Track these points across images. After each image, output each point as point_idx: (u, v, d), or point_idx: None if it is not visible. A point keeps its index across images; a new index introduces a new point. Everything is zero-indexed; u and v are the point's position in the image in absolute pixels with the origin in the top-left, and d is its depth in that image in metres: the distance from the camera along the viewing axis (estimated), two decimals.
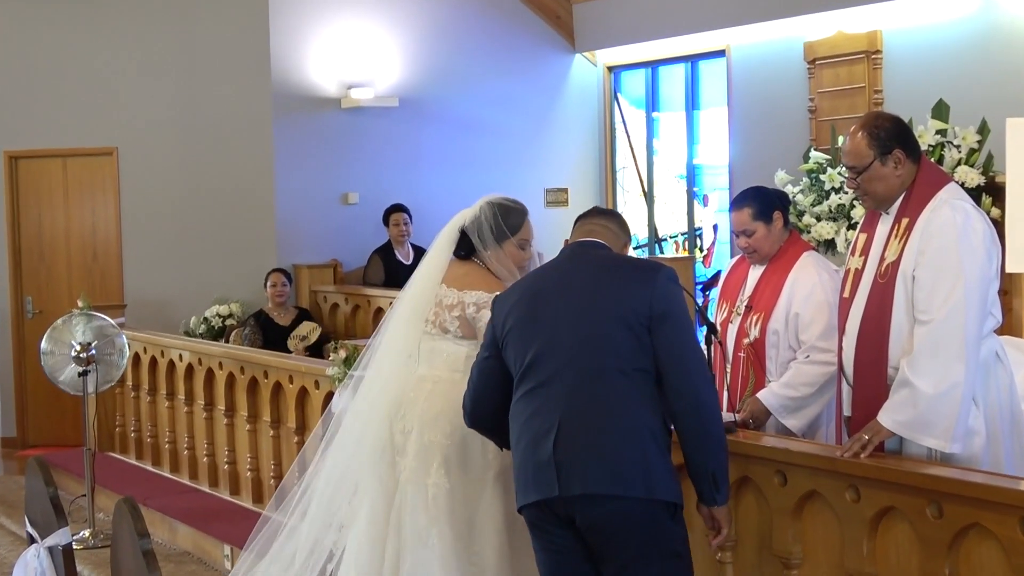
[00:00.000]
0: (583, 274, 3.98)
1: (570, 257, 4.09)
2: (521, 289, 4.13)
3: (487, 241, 4.60)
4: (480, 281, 4.61)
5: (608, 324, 3.84)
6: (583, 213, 4.28)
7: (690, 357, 3.86)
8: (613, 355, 3.82)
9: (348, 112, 11.31)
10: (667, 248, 12.35)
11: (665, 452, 3.88)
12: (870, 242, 4.48)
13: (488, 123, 11.96)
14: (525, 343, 3.97)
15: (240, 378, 8.08)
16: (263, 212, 11.10)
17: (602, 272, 3.96)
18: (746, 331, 5.22)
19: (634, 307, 3.84)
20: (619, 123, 12.68)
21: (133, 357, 9.50)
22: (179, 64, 11.21)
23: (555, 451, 3.81)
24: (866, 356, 4.35)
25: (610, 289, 3.90)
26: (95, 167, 11.36)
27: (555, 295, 3.98)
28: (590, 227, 4.16)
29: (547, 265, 4.19)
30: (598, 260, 4.03)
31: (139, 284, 11.24)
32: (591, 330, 3.86)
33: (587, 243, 4.11)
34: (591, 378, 3.83)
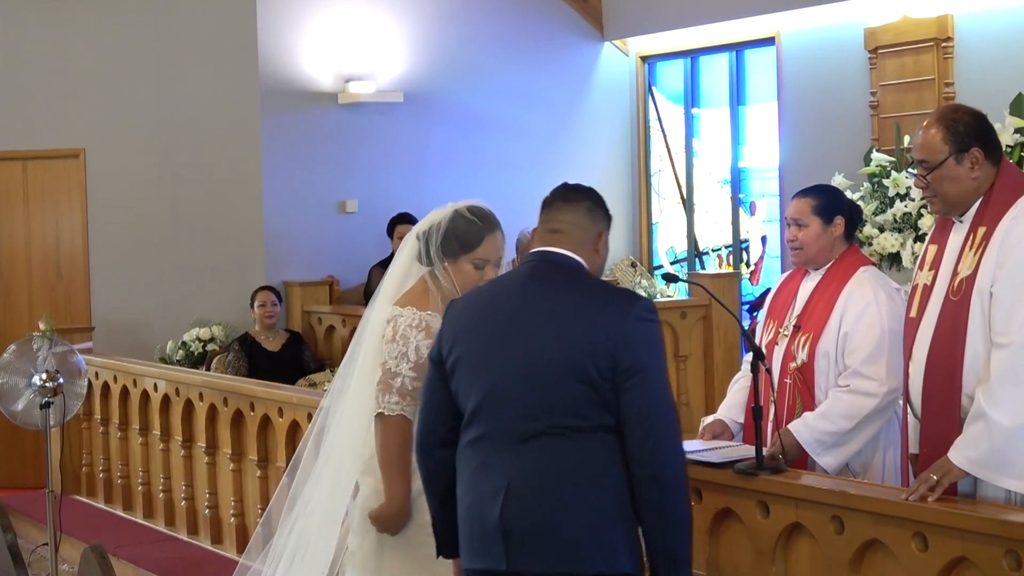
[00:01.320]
0: (539, 309, 3.88)
1: (527, 279, 3.97)
2: (473, 309, 4.05)
3: (434, 254, 4.62)
4: (413, 296, 4.63)
5: (565, 377, 3.78)
6: (547, 197, 4.08)
7: (658, 421, 3.76)
8: (570, 413, 3.78)
9: (346, 109, 11.35)
10: (709, 263, 12.34)
11: (632, 516, 3.83)
12: (941, 254, 4.48)
13: (505, 121, 12.01)
14: (471, 382, 3.94)
15: (223, 411, 8.10)
16: (249, 222, 11.14)
17: (560, 309, 3.85)
18: (793, 354, 5.22)
19: (595, 360, 3.76)
20: (654, 121, 12.69)
21: (102, 387, 9.55)
22: (154, 54, 11.26)
23: (502, 518, 3.80)
24: (936, 384, 4.34)
25: (568, 333, 3.80)
26: (59, 171, 11.40)
27: (507, 330, 3.90)
28: (553, 225, 4.00)
29: (504, 283, 4.09)
30: (558, 290, 3.90)
31: (109, 304, 11.27)
32: (545, 382, 3.80)
33: (549, 258, 3.97)
34: (544, 437, 3.79)
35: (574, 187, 4.07)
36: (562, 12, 12.30)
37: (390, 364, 4.54)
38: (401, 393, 4.51)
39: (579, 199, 4.01)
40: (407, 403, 4.51)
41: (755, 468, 4.61)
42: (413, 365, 4.51)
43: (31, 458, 11.06)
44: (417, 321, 4.55)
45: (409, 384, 4.51)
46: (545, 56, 12.23)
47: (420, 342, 4.51)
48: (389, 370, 4.53)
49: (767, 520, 4.56)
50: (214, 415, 8.24)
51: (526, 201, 11.56)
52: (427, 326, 4.53)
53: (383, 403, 4.53)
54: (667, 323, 9.82)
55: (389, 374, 4.53)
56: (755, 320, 5.67)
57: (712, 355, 9.92)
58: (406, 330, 4.55)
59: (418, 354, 4.51)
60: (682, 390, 9.89)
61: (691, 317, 9.90)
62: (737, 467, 4.66)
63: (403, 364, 4.52)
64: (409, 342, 4.53)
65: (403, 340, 4.54)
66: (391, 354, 4.54)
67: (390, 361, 4.54)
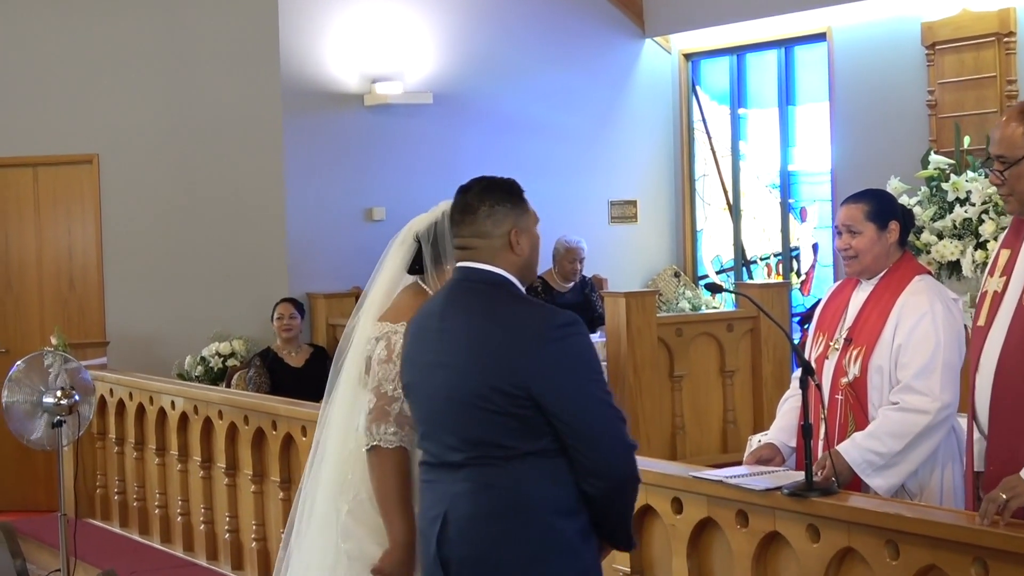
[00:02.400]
0: (452, 339, 3.92)
1: (445, 304, 4.00)
2: (413, 333, 4.10)
3: (444, 255, 4.43)
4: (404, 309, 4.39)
5: (479, 410, 3.82)
6: (454, 202, 4.07)
7: (600, 444, 3.81)
8: (492, 444, 3.83)
9: (372, 111, 11.40)
10: (757, 272, 12.31)
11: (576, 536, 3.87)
12: (1014, 259, 4.44)
13: (541, 123, 12.03)
14: (414, 407, 4.09)
15: (244, 429, 8.12)
16: (271, 231, 11.20)
17: (471, 339, 3.88)
18: (844, 369, 5.20)
19: (510, 391, 3.79)
20: (698, 122, 12.69)
21: (117, 404, 9.58)
22: (170, 55, 11.31)
23: (439, 548, 3.90)
24: (1005, 397, 4.30)
25: (479, 366, 3.84)
26: (72, 178, 11.46)
27: (429, 359, 3.97)
28: (460, 243, 4.02)
29: (431, 306, 4.09)
30: (469, 316, 3.93)
31: (124, 317, 11.32)
32: (462, 415, 3.86)
33: (467, 275, 3.99)
34: (471, 467, 3.85)
35: (470, 191, 4.03)
36: (601, 7, 12.31)
37: (386, 388, 4.30)
38: (399, 421, 4.28)
39: (475, 206, 3.99)
40: (406, 432, 4.28)
41: (804, 489, 4.59)
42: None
43: (42, 479, 11.11)
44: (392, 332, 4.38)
45: (407, 409, 4.24)
46: (583, 54, 12.25)
47: None
48: (385, 395, 4.30)
49: (817, 545, 4.53)
50: (234, 434, 8.25)
51: (563, 207, 11.67)
52: None
53: (378, 434, 4.28)
54: (712, 336, 9.81)
55: (385, 399, 4.30)
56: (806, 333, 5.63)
57: (760, 370, 9.88)
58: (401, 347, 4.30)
59: None
60: (728, 407, 9.86)
61: (738, 330, 9.87)
62: (785, 488, 4.64)
63: (401, 388, 4.23)
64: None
65: (399, 359, 4.27)
66: (387, 376, 4.31)
67: (386, 384, 4.31)
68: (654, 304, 9.57)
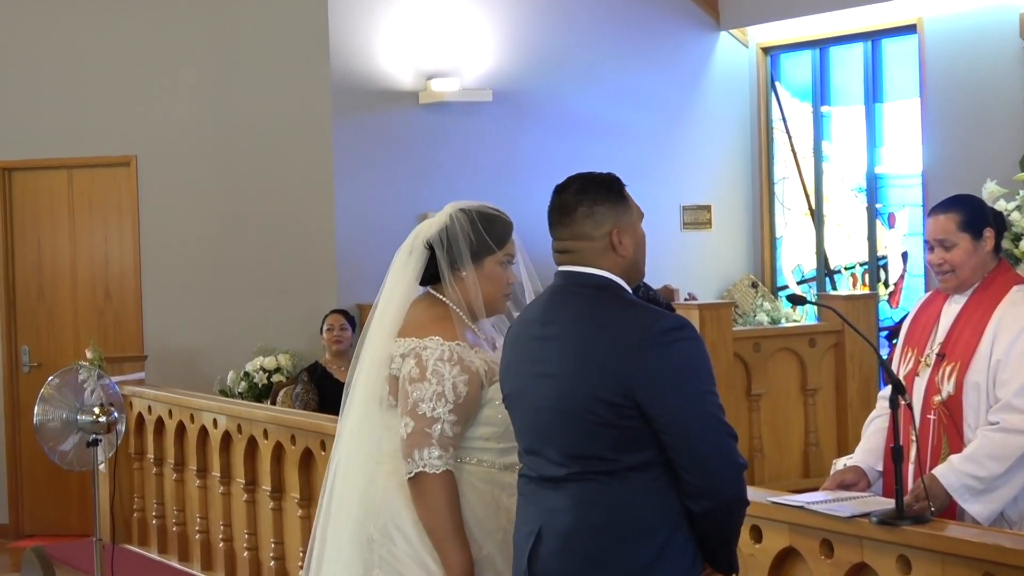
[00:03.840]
0: (555, 346, 3.93)
1: (545, 309, 4.03)
2: (511, 341, 4.14)
3: (462, 259, 4.41)
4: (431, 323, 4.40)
5: (583, 422, 3.84)
6: (551, 203, 4.06)
7: (700, 447, 3.81)
8: (595, 458, 3.84)
9: (428, 110, 11.43)
10: (841, 282, 12.26)
11: (679, 555, 3.88)
12: None
13: (607, 122, 12.03)
14: (516, 419, 4.11)
15: (291, 450, 8.14)
16: (320, 238, 11.23)
17: (573, 346, 3.89)
18: (937, 386, 5.17)
19: (615, 401, 3.79)
20: (778, 121, 12.66)
21: (155, 423, 9.64)
22: (214, 52, 11.38)
23: (531, 564, 3.95)
24: None
25: (582, 375, 3.85)
26: (108, 181, 11.52)
27: (531, 369, 3.99)
28: (560, 246, 4.03)
29: (531, 311, 4.13)
30: (570, 322, 3.94)
31: (163, 330, 11.38)
32: (565, 427, 3.88)
33: (570, 279, 4.00)
34: (571, 482, 3.87)
35: (566, 190, 4.04)
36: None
37: (423, 408, 4.27)
38: (443, 444, 4.26)
39: (573, 207, 4.00)
40: (451, 455, 4.28)
41: (895, 517, 4.57)
42: (453, 407, 4.28)
43: (76, 502, 11.20)
44: (448, 353, 4.33)
45: (450, 430, 4.26)
46: (653, 48, 12.24)
47: (456, 378, 4.30)
48: (423, 416, 4.26)
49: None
50: (280, 455, 8.29)
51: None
52: (459, 359, 4.33)
53: (422, 460, 4.25)
54: (793, 351, 9.79)
55: (424, 421, 4.26)
56: (895, 348, 5.60)
57: (845, 388, 9.85)
58: (437, 364, 4.30)
59: (456, 393, 4.29)
60: (810, 428, 9.82)
61: (821, 345, 9.83)
62: (874, 515, 4.62)
63: (441, 406, 4.26)
64: (444, 379, 4.29)
65: (436, 377, 4.28)
66: (424, 396, 4.28)
67: (423, 405, 4.27)
68: (730, 317, 9.55)
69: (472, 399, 4.32)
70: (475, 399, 4.33)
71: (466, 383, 4.29)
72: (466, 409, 4.31)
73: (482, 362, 4.36)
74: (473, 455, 4.35)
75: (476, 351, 4.38)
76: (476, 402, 4.33)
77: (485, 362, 4.36)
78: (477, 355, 4.36)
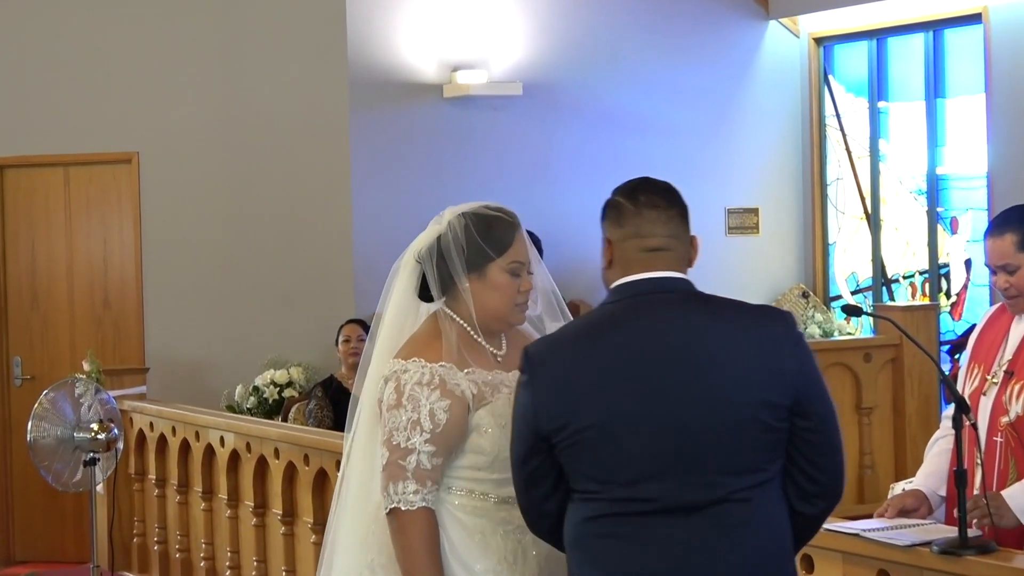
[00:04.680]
0: (696, 350, 3.83)
1: (658, 316, 3.88)
2: (585, 365, 3.88)
3: (456, 271, 4.33)
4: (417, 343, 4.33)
5: (747, 428, 3.81)
6: (621, 201, 3.96)
7: (838, 444, 3.93)
8: (753, 470, 3.83)
9: (453, 104, 11.43)
10: (900, 292, 12.24)
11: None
12: None
13: (647, 118, 12.02)
14: (617, 447, 3.83)
15: (303, 471, 8.14)
16: (336, 242, 11.25)
17: (728, 346, 3.83)
18: (1004, 406, 5.17)
19: (777, 399, 3.81)
20: (831, 117, 12.65)
21: (158, 440, 9.67)
22: (223, 44, 11.40)
23: None
24: None
25: (750, 373, 3.81)
26: (108, 180, 11.55)
27: (656, 380, 3.82)
28: (652, 242, 3.93)
29: (615, 323, 3.92)
30: (706, 323, 3.88)
31: (166, 340, 11.39)
32: (730, 436, 3.80)
33: (663, 287, 3.91)
34: (720, 505, 3.80)
35: (659, 186, 4.00)
36: None
37: (398, 438, 4.21)
38: (419, 477, 4.19)
39: (673, 202, 3.97)
40: (428, 489, 4.21)
41: (958, 546, 4.56)
42: (430, 436, 4.19)
43: (72, 526, 11.22)
44: (428, 376, 4.24)
45: (427, 462, 4.19)
46: (696, 38, 12.25)
47: (435, 404, 4.20)
48: (397, 446, 4.20)
49: None
50: (292, 476, 8.28)
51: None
52: (441, 382, 4.23)
53: (396, 495, 4.20)
54: (847, 367, 9.84)
55: (399, 452, 4.20)
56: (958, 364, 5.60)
57: (903, 407, 9.84)
58: (414, 389, 4.22)
59: (434, 420, 4.20)
60: (865, 450, 9.81)
61: (877, 360, 9.82)
62: (936, 544, 4.62)
63: (416, 436, 4.19)
64: (420, 406, 4.20)
65: (412, 403, 4.21)
66: (397, 424, 4.21)
67: (397, 434, 4.21)
68: None
69: (454, 427, 4.23)
70: (458, 427, 4.24)
71: (446, 409, 4.21)
72: (447, 438, 4.22)
73: (471, 384, 4.26)
74: (463, 485, 4.28)
75: (469, 372, 4.28)
76: (459, 430, 4.24)
77: (476, 384, 4.27)
78: (468, 376, 4.27)
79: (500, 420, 4.21)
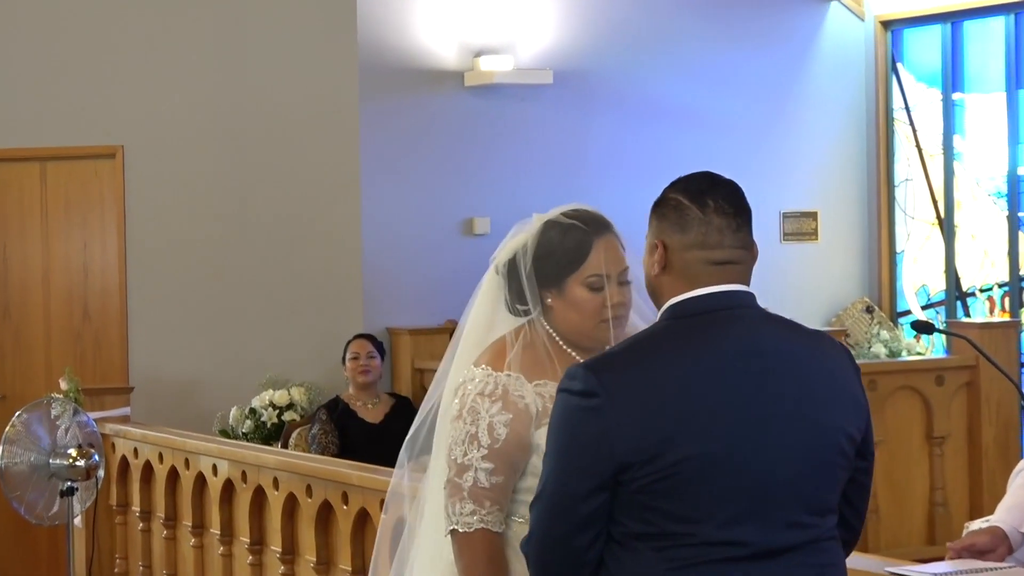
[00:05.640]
0: (785, 371, 3.81)
1: (738, 329, 3.84)
2: (681, 381, 3.77)
3: (530, 288, 4.38)
4: (490, 351, 4.41)
5: (836, 460, 3.83)
6: (683, 200, 3.86)
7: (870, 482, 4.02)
8: (832, 508, 3.85)
9: (475, 93, 11.47)
10: (976, 307, 12.21)
11: None
12: None
13: (692, 110, 12.06)
14: (714, 485, 3.74)
15: (306, 503, 8.11)
16: (343, 248, 11.28)
17: (812, 367, 3.84)
18: None
19: (856, 434, 3.87)
20: (899, 110, 12.66)
21: (143, 468, 9.65)
22: (218, 27, 11.41)
23: None
24: None
25: (833, 399, 3.84)
26: (89, 176, 11.55)
27: (755, 407, 3.76)
28: (724, 255, 3.88)
29: (705, 339, 3.84)
30: (789, 340, 3.87)
31: (152, 356, 11.40)
32: (819, 471, 3.81)
33: (748, 302, 3.89)
34: (817, 542, 3.81)
35: (729, 187, 3.92)
36: None
37: (455, 453, 4.28)
38: (476, 496, 4.24)
39: (742, 208, 3.91)
40: (488, 510, 4.25)
41: None
42: (487, 452, 4.23)
43: (46, 562, 11.20)
44: (491, 386, 4.29)
45: (485, 480, 4.23)
46: (748, 21, 12.29)
47: (495, 417, 4.25)
48: (455, 462, 4.28)
49: None
50: (293, 509, 8.25)
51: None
52: (504, 392, 4.27)
53: (454, 515, 4.27)
54: (916, 391, 9.83)
55: (457, 469, 4.27)
56: None
57: (979, 435, 9.80)
58: (475, 400, 4.28)
59: (492, 435, 4.24)
60: (937, 484, 9.77)
61: (951, 383, 9.79)
62: None
63: (473, 451, 4.24)
64: (480, 418, 4.26)
65: (471, 415, 4.27)
66: (457, 439, 4.28)
67: (456, 449, 4.28)
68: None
69: (515, 443, 4.24)
70: (519, 443, 4.25)
71: (506, 423, 4.23)
72: (507, 456, 4.24)
73: (537, 398, 4.26)
74: (524, 512, 4.19)
75: (539, 385, 4.28)
76: (521, 447, 4.25)
77: (543, 398, 4.25)
78: (537, 389, 4.28)
79: None
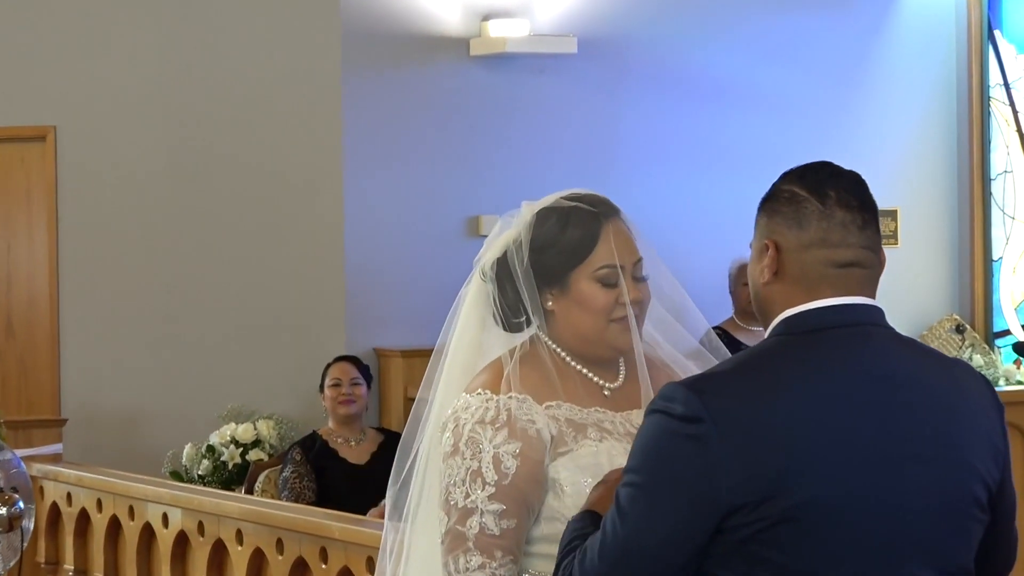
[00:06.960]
0: (923, 407, 3.78)
1: (869, 350, 3.81)
2: (805, 407, 3.75)
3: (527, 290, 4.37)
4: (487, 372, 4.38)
5: (970, 513, 3.82)
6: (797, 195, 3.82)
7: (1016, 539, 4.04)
8: (967, 567, 3.85)
9: (483, 64, 11.49)
10: None
11: None
12: None
13: (743, 87, 12.13)
14: (846, 531, 3.72)
15: (276, 561, 8.10)
16: (322, 252, 11.32)
17: (950, 404, 3.81)
18: None
19: (992, 483, 3.85)
20: (997, 87, 12.69)
21: (77, 518, 9.66)
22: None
23: None
24: None
25: (971, 443, 3.82)
26: (13, 162, 11.65)
27: (893, 444, 3.76)
28: (852, 255, 3.83)
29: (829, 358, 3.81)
30: (924, 368, 3.84)
31: (90, 383, 11.48)
32: (951, 525, 3.79)
33: (877, 318, 3.85)
34: None
35: (851, 177, 3.90)
36: None
37: (455, 496, 4.24)
38: (483, 546, 4.21)
39: (867, 201, 3.89)
40: (500, 562, 4.22)
41: None
42: (495, 490, 4.20)
43: None
44: (492, 412, 4.25)
45: (494, 525, 4.20)
46: None
47: (500, 448, 4.22)
48: (455, 506, 4.24)
49: None
50: (261, 567, 8.25)
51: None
52: (509, 418, 4.24)
53: (457, 572, 4.24)
54: (1016, 427, 10.17)
55: (458, 515, 4.24)
56: None
57: None
58: (474, 430, 4.24)
59: (499, 470, 4.21)
60: None
61: None
62: None
63: (477, 491, 4.21)
64: (482, 451, 4.22)
65: (471, 448, 4.23)
66: (455, 478, 4.25)
67: (455, 491, 4.24)
68: None
69: (528, 477, 4.23)
70: (534, 477, 4.25)
71: (515, 454, 4.21)
72: (519, 493, 4.23)
73: (550, 422, 4.27)
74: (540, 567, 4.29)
75: (551, 407, 4.30)
76: (537, 481, 4.25)
77: (557, 422, 4.28)
78: (548, 412, 4.28)
79: (584, 477, 4.19)
